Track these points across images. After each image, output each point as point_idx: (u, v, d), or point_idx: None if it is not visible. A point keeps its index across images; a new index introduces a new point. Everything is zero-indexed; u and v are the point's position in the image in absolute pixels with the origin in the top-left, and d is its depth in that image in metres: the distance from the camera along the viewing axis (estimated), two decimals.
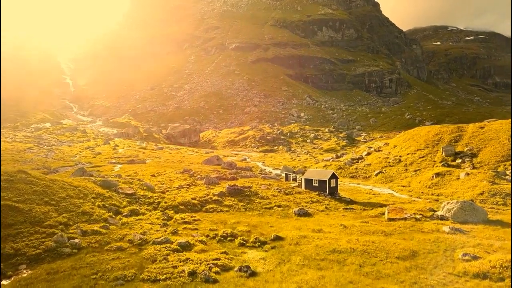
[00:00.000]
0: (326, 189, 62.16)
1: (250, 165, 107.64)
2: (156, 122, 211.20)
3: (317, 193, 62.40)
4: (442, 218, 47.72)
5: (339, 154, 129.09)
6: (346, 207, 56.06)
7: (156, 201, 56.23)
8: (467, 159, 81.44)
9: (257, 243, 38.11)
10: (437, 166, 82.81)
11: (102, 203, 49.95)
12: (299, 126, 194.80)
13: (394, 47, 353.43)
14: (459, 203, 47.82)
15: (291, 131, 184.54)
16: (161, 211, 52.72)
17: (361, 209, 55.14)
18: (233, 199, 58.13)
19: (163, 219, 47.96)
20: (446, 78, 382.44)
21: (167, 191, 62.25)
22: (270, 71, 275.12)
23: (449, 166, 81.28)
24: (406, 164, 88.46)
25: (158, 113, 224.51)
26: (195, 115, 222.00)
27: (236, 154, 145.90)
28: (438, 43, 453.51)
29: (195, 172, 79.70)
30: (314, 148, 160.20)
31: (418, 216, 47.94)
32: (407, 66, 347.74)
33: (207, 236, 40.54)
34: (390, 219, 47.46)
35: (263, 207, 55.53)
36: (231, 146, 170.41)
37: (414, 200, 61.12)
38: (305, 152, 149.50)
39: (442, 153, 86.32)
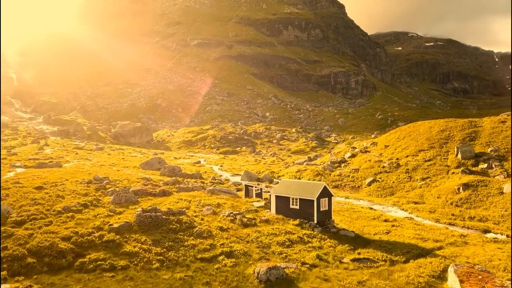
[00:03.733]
0: (314, 215, 33.58)
1: (203, 170, 79.18)
2: (107, 120, 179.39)
3: (297, 222, 33.82)
4: None
5: (311, 156, 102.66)
6: (355, 256, 27.77)
7: None
8: (495, 164, 55.84)
9: None
10: (453, 172, 56.87)
11: None
12: (264, 126, 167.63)
13: (359, 50, 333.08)
14: None
15: (255, 131, 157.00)
16: None
17: (384, 260, 27.37)
18: (144, 238, 29.13)
19: None
20: (408, 82, 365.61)
21: (33, 219, 32.78)
22: (234, 69, 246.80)
23: (471, 173, 55.48)
24: (408, 169, 62.01)
25: (110, 111, 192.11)
26: (151, 113, 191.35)
27: (191, 156, 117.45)
28: (400, 48, 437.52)
29: (111, 181, 50.47)
30: (281, 149, 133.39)
31: None
32: (371, 68, 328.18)
33: None
34: None
35: (199, 257, 26.90)
36: (187, 146, 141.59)
37: (463, 235, 34.02)
38: (271, 154, 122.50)
39: (457, 155, 60.46)
